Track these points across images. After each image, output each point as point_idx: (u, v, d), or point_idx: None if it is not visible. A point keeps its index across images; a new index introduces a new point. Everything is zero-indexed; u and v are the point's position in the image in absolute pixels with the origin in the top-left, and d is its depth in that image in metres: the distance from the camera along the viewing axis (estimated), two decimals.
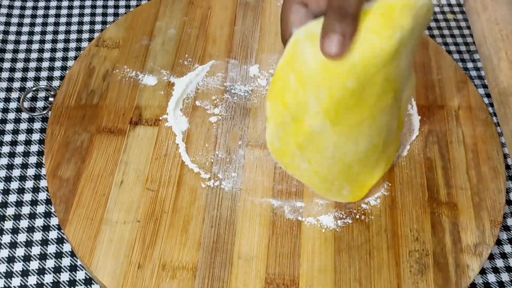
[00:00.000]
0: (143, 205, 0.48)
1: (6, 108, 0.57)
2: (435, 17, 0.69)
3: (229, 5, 0.63)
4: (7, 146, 0.54)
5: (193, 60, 0.58)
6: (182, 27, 0.61)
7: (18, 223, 0.50)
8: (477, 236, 0.48)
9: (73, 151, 0.51)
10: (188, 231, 0.47)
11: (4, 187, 0.51)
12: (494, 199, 0.51)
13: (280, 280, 0.45)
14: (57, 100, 0.54)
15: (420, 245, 0.48)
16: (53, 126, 0.52)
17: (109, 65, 0.57)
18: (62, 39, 0.63)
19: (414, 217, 0.49)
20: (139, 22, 0.61)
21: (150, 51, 0.59)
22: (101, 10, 0.66)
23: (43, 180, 0.52)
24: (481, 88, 0.63)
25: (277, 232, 0.48)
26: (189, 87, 0.56)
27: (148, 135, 0.53)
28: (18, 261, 0.48)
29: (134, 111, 0.54)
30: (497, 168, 0.53)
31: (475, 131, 0.55)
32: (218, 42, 0.60)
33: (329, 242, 0.47)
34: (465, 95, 0.58)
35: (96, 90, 0.55)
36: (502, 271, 0.50)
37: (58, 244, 0.49)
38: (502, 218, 0.50)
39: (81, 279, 0.47)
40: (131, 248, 0.46)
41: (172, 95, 0.55)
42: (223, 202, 0.49)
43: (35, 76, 0.59)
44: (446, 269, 0.46)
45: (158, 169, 0.50)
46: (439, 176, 0.52)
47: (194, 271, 0.45)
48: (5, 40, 0.62)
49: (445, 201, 0.50)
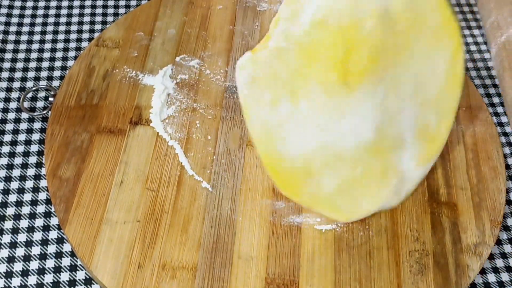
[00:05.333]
0: (143, 205, 0.48)
1: (6, 108, 0.57)
2: None
3: (229, 5, 0.63)
4: (7, 146, 0.54)
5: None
6: (182, 27, 0.61)
7: (18, 223, 0.50)
8: (477, 236, 0.49)
9: (73, 151, 0.51)
10: (188, 231, 0.47)
11: (4, 187, 0.51)
12: (494, 199, 0.51)
13: (280, 280, 0.45)
14: (57, 100, 0.54)
15: (420, 245, 0.48)
16: (53, 126, 0.52)
17: (109, 65, 0.57)
18: (62, 39, 0.63)
19: (414, 217, 0.49)
20: (139, 22, 0.61)
21: (150, 51, 0.59)
22: (101, 10, 0.66)
23: (43, 180, 0.52)
24: (481, 88, 0.63)
25: (277, 232, 0.48)
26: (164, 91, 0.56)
27: (148, 135, 0.53)
28: (18, 261, 0.48)
29: (134, 111, 0.54)
30: (497, 168, 0.53)
31: (475, 131, 0.55)
32: (218, 42, 0.60)
33: (329, 242, 0.47)
34: (465, 95, 0.58)
35: (96, 90, 0.55)
36: (502, 271, 0.50)
37: (58, 244, 0.49)
38: (502, 218, 0.50)
39: (81, 279, 0.47)
40: (131, 248, 0.46)
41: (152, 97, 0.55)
42: (223, 202, 0.49)
43: (35, 76, 0.59)
44: (446, 269, 0.47)
45: (158, 169, 0.50)
46: (439, 176, 0.52)
47: (194, 271, 0.45)
48: (5, 40, 0.62)
49: (445, 201, 0.50)
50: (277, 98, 0.41)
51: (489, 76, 0.64)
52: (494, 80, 0.64)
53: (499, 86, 0.63)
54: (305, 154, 0.42)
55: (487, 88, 0.63)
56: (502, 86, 0.62)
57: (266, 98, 0.41)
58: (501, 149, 0.54)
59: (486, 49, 0.67)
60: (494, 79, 0.64)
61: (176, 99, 0.55)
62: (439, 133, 0.44)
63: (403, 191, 0.45)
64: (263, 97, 0.41)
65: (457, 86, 0.43)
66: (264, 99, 0.41)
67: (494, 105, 0.62)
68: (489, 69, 0.65)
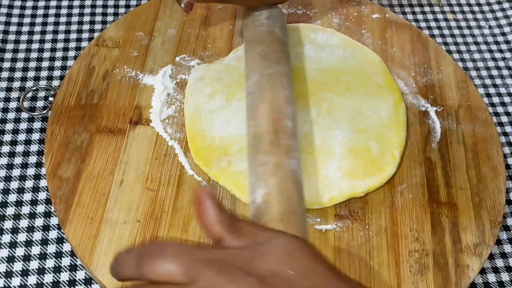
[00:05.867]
0: (143, 205, 0.48)
1: (6, 108, 0.57)
2: (435, 17, 0.69)
3: (229, 5, 0.63)
4: (7, 145, 0.54)
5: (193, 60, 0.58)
6: (182, 27, 0.61)
7: (18, 223, 0.49)
8: (477, 236, 0.48)
9: (73, 150, 0.51)
10: (188, 231, 0.47)
11: (4, 187, 0.51)
12: (494, 199, 0.51)
13: None
14: (57, 99, 0.54)
15: (420, 245, 0.48)
16: (53, 126, 0.52)
17: (109, 65, 0.57)
18: (62, 39, 0.63)
19: (414, 217, 0.49)
20: (139, 22, 0.61)
21: (150, 51, 0.59)
22: (101, 10, 0.66)
23: (43, 180, 0.52)
24: (481, 88, 0.63)
25: None
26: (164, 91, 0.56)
27: (148, 135, 0.53)
28: (18, 261, 0.48)
29: (134, 110, 0.54)
30: (497, 168, 0.53)
31: (475, 131, 0.55)
32: (218, 42, 0.60)
33: (329, 242, 0.47)
34: (465, 95, 0.58)
35: (96, 90, 0.55)
36: (502, 271, 0.50)
37: (58, 244, 0.49)
38: (502, 218, 0.50)
39: (81, 279, 0.47)
40: None
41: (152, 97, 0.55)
42: (223, 202, 0.49)
43: (35, 75, 0.59)
44: (446, 269, 0.46)
45: (158, 169, 0.50)
46: (439, 176, 0.52)
47: None
48: (5, 40, 0.62)
49: (445, 201, 0.50)
50: (215, 93, 0.54)
51: (489, 76, 0.64)
52: (494, 80, 0.64)
53: (499, 86, 0.63)
54: (226, 137, 0.52)
55: (487, 88, 0.63)
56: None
57: (206, 91, 0.54)
58: (501, 149, 0.54)
59: (486, 49, 0.67)
60: (494, 79, 0.64)
61: (176, 99, 0.55)
62: (383, 160, 0.51)
63: (325, 193, 0.49)
64: (204, 89, 0.54)
65: (401, 128, 0.54)
66: (205, 92, 0.54)
67: (494, 105, 0.62)
68: (489, 69, 0.65)
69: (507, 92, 0.63)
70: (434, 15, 0.70)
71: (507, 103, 0.62)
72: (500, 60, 0.66)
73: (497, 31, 0.69)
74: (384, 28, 0.63)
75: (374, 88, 0.56)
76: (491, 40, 0.68)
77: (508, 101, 0.62)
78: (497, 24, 0.69)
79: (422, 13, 0.70)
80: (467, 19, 0.70)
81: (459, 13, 0.70)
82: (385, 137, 0.53)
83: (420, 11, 0.70)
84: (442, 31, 0.68)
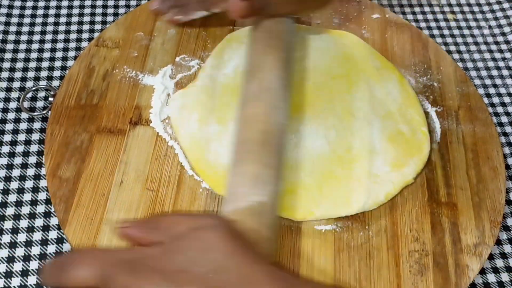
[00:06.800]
0: (143, 205, 0.48)
1: (6, 108, 0.57)
2: (435, 17, 0.69)
3: None
4: (7, 146, 0.54)
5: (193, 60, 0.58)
6: (182, 27, 0.61)
7: (18, 223, 0.50)
8: (477, 236, 0.48)
9: (73, 151, 0.51)
10: None
11: (4, 187, 0.51)
12: (494, 199, 0.51)
13: None
14: (57, 100, 0.54)
15: (420, 245, 0.48)
16: (53, 126, 0.52)
17: (109, 65, 0.57)
18: (62, 39, 0.63)
19: (414, 217, 0.49)
20: (139, 22, 0.61)
21: (150, 51, 0.59)
22: (101, 10, 0.66)
23: (43, 180, 0.52)
24: (481, 88, 0.63)
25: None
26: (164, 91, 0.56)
27: (148, 135, 0.53)
28: (18, 261, 0.48)
29: (134, 111, 0.54)
30: (497, 168, 0.53)
31: (475, 131, 0.55)
32: (218, 42, 0.60)
33: (329, 242, 0.47)
34: (465, 95, 0.58)
35: (96, 90, 0.55)
36: (502, 271, 0.50)
37: (58, 244, 0.49)
38: (502, 218, 0.50)
39: None
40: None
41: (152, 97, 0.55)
42: (223, 202, 0.49)
43: (35, 76, 0.59)
44: (446, 269, 0.46)
45: (158, 169, 0.50)
46: (439, 176, 0.52)
47: None
48: (5, 40, 0.62)
49: (445, 201, 0.50)
50: (204, 119, 0.52)
51: (489, 76, 0.64)
52: (494, 80, 0.64)
53: (499, 86, 0.63)
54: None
55: (487, 88, 0.63)
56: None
57: (193, 117, 0.52)
58: (501, 149, 0.54)
59: (486, 49, 0.67)
60: (494, 79, 0.64)
61: None
62: (416, 140, 0.52)
63: (381, 192, 0.49)
64: (191, 116, 0.52)
65: (416, 104, 0.55)
66: (192, 118, 0.52)
67: (494, 105, 0.62)
68: (489, 69, 0.65)
69: (507, 92, 0.63)
70: (434, 15, 0.70)
71: (507, 103, 0.62)
72: (500, 60, 0.66)
73: (497, 31, 0.69)
74: (384, 28, 0.63)
75: (375, 71, 0.57)
76: (491, 40, 0.68)
77: (508, 101, 0.62)
78: (497, 24, 0.69)
79: (422, 13, 0.70)
80: (467, 19, 0.70)
81: (459, 13, 0.70)
82: (407, 117, 0.54)
83: (420, 11, 0.70)
84: (442, 31, 0.68)
